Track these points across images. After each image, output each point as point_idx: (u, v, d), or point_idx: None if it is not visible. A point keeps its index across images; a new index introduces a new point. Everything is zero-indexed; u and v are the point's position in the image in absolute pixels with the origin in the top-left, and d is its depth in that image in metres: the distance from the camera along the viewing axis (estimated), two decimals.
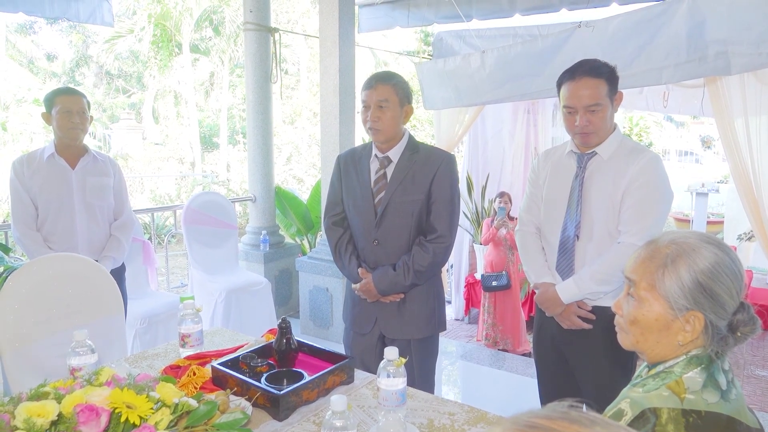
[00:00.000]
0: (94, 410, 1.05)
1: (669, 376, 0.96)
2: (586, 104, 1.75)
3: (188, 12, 13.26)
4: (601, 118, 1.76)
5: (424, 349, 2.07)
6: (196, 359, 1.67)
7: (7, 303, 1.84)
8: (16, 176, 2.50)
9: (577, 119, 1.77)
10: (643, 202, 1.75)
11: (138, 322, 3.04)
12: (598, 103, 1.74)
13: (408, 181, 1.98)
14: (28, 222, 2.51)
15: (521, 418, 0.51)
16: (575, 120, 1.78)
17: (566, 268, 1.88)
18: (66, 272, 2.01)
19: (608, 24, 2.76)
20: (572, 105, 1.77)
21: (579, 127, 1.78)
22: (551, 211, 1.94)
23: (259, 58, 4.26)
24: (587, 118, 1.76)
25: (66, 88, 2.64)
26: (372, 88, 1.94)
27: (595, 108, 1.75)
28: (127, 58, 14.69)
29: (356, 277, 2.05)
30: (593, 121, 1.76)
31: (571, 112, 1.79)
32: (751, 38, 2.30)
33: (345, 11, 3.65)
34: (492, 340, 4.03)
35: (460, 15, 4.22)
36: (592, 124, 1.76)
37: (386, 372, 1.34)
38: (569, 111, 1.79)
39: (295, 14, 14.44)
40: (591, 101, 1.74)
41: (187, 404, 1.14)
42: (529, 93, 3.24)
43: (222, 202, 4.04)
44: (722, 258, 0.95)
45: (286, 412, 1.37)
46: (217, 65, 14.67)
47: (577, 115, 1.77)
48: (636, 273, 1.00)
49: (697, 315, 0.95)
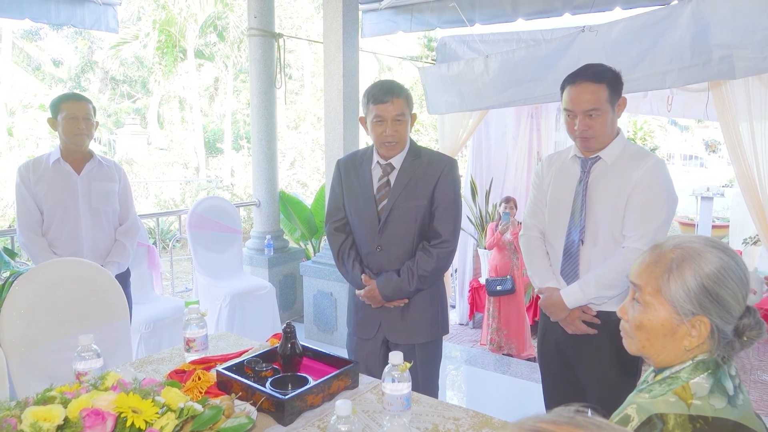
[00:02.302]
0: (100, 414, 1.05)
1: (675, 381, 0.95)
2: (584, 109, 1.75)
3: (193, 18, 13.35)
4: (601, 123, 1.77)
5: (428, 354, 2.06)
6: (201, 364, 1.67)
7: (14, 308, 1.84)
8: (21, 181, 2.52)
9: (576, 123, 1.78)
10: (648, 207, 1.75)
11: (143, 327, 3.04)
12: (597, 108, 1.75)
13: (411, 187, 1.98)
14: (34, 227, 2.51)
15: (527, 422, 0.51)
16: (575, 124, 1.79)
17: (571, 272, 1.88)
18: (72, 277, 2.01)
19: (612, 28, 2.76)
20: (571, 109, 1.78)
21: (578, 131, 1.79)
22: (555, 215, 1.93)
23: (263, 64, 4.28)
24: (586, 122, 1.76)
25: (72, 93, 2.65)
26: (388, 102, 1.92)
27: (593, 113, 1.75)
28: (132, 64, 14.79)
29: (360, 283, 2.05)
30: (592, 126, 1.77)
31: (571, 116, 1.80)
32: (756, 42, 2.30)
33: (349, 16, 3.66)
34: (496, 344, 4.02)
35: (463, 20, 4.22)
36: (591, 128, 1.77)
37: (391, 377, 1.34)
38: (569, 114, 1.81)
39: (299, 19, 14.51)
40: (589, 106, 1.75)
41: (193, 409, 1.15)
42: (533, 97, 3.24)
43: (226, 206, 4.06)
44: (728, 262, 0.95)
45: (290, 417, 1.37)
46: (222, 71, 14.76)
47: (577, 119, 1.78)
48: (641, 278, 1.00)
49: (703, 320, 0.94)
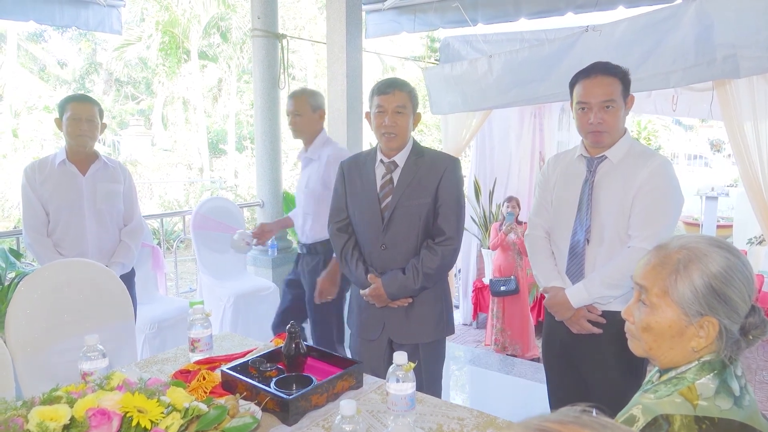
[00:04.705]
0: (105, 414, 1.06)
1: (681, 382, 0.95)
2: (600, 100, 1.74)
3: (196, 19, 13.38)
4: (615, 117, 1.76)
5: (432, 353, 2.06)
6: (206, 364, 1.67)
7: (19, 308, 1.85)
8: (27, 182, 2.52)
9: (591, 117, 1.76)
10: (654, 207, 1.74)
11: (147, 327, 3.05)
12: (613, 100, 1.74)
13: (415, 185, 1.98)
14: (39, 228, 2.52)
15: (533, 421, 0.51)
16: (589, 118, 1.77)
17: (576, 272, 1.88)
18: (77, 278, 2.02)
19: (615, 28, 2.75)
20: (587, 101, 1.76)
21: (592, 125, 1.76)
22: (561, 215, 1.93)
23: (266, 65, 4.28)
24: (601, 115, 1.75)
25: (78, 95, 2.66)
26: (390, 93, 1.95)
27: (609, 104, 1.74)
28: (135, 65, 14.82)
29: (363, 283, 2.05)
30: (606, 120, 1.75)
31: (585, 109, 1.78)
32: (760, 41, 2.30)
33: (352, 17, 3.67)
34: (501, 345, 4.01)
35: (467, 19, 4.22)
36: (606, 122, 1.76)
37: (395, 377, 1.34)
38: (582, 108, 1.78)
39: (302, 20, 14.52)
40: (606, 97, 1.74)
41: (198, 408, 1.15)
42: (537, 98, 3.23)
43: (230, 207, 4.07)
44: (734, 262, 0.95)
45: (295, 417, 1.38)
46: (225, 71, 14.79)
47: (591, 112, 1.76)
48: (647, 279, 0.99)
49: (712, 320, 0.94)
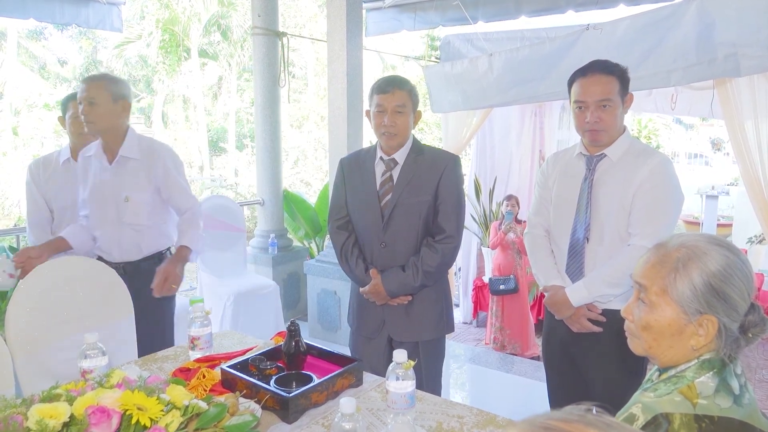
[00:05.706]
0: (105, 412, 1.06)
1: (681, 380, 0.95)
2: (597, 99, 1.74)
3: (196, 17, 13.38)
4: (612, 115, 1.76)
5: (432, 351, 2.06)
6: (206, 362, 1.67)
7: (19, 306, 1.85)
8: (32, 179, 2.51)
9: (587, 115, 1.76)
10: (654, 205, 1.74)
11: None
12: (609, 99, 1.74)
13: (415, 183, 1.98)
14: (43, 225, 2.51)
15: (537, 419, 0.51)
16: (586, 116, 1.77)
17: (576, 271, 1.88)
18: (77, 275, 2.02)
19: (616, 26, 2.75)
20: (583, 99, 1.76)
21: (589, 124, 1.76)
22: (560, 213, 1.93)
23: (267, 62, 4.28)
24: (598, 114, 1.75)
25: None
26: (390, 93, 1.94)
27: (606, 103, 1.74)
28: (136, 63, 14.81)
29: (363, 280, 2.05)
30: (603, 118, 1.75)
31: (582, 108, 1.78)
32: (761, 40, 2.29)
33: (353, 15, 3.66)
34: (500, 343, 4.02)
35: (467, 17, 4.22)
36: (603, 121, 1.75)
37: (395, 375, 1.34)
38: (579, 106, 1.78)
39: (302, 18, 14.51)
40: (602, 96, 1.73)
41: (197, 406, 1.15)
42: (537, 96, 3.23)
43: (230, 205, 4.06)
44: (733, 260, 0.95)
45: (295, 415, 1.38)
46: (225, 69, 14.79)
47: (588, 111, 1.76)
48: (646, 278, 0.99)
49: (711, 319, 0.94)
